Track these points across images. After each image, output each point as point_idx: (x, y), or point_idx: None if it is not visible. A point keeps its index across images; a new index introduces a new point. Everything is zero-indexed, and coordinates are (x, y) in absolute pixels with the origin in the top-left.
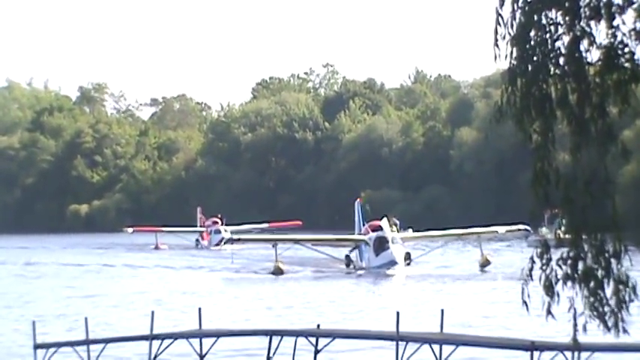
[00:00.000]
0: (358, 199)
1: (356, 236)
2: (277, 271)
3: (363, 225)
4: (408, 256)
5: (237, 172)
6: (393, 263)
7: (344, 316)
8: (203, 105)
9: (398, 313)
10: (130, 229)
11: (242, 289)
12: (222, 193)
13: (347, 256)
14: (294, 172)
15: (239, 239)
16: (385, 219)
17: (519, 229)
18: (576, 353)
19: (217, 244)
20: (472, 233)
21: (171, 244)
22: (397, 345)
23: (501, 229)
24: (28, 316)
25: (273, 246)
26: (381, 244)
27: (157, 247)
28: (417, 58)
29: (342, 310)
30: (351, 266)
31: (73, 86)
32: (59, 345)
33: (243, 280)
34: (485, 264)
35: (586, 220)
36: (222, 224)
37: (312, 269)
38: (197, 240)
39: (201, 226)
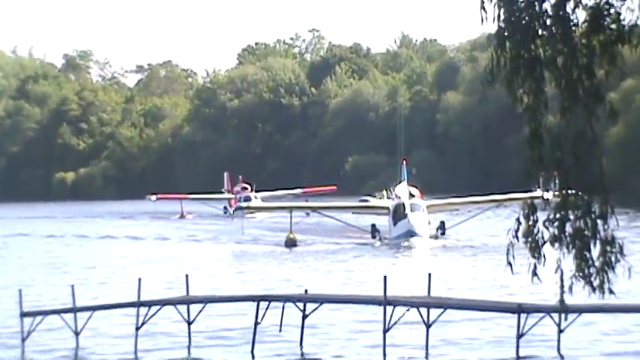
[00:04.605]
0: (404, 161)
1: (378, 203)
2: (290, 243)
3: None
4: (442, 225)
5: (224, 138)
6: (410, 234)
7: (341, 288)
8: (189, 71)
9: (385, 277)
10: (154, 197)
11: (244, 263)
12: (209, 160)
13: (373, 226)
14: (281, 138)
15: (247, 207)
16: (404, 184)
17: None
18: (563, 315)
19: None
20: (513, 199)
21: (200, 212)
22: (385, 309)
23: (548, 195)
24: (18, 285)
25: (307, 214)
26: (398, 213)
27: (182, 216)
28: (403, 23)
29: (342, 282)
30: (377, 237)
31: (58, 54)
32: (46, 313)
33: (249, 253)
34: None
35: (573, 180)
36: (252, 190)
37: (330, 240)
38: (225, 207)
39: (229, 192)
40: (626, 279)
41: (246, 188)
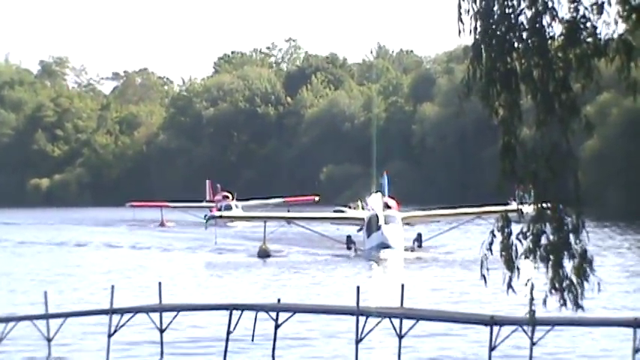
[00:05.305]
0: (385, 172)
1: (354, 214)
2: (263, 254)
3: None
4: (418, 237)
5: (199, 146)
6: (383, 246)
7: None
8: (165, 79)
9: (358, 288)
10: (131, 204)
11: (217, 272)
12: (184, 168)
13: (348, 237)
14: (256, 147)
15: (220, 216)
16: (379, 194)
17: None
18: (535, 327)
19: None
20: (491, 212)
21: (179, 221)
22: (357, 319)
23: (527, 208)
24: None
25: (288, 223)
26: (371, 225)
27: (162, 225)
28: (380, 33)
29: (315, 292)
30: (352, 248)
31: (34, 60)
32: (18, 319)
33: (222, 263)
34: None
35: (548, 194)
36: (232, 199)
37: (304, 251)
38: (206, 216)
39: (210, 201)
40: (595, 293)
41: (227, 197)
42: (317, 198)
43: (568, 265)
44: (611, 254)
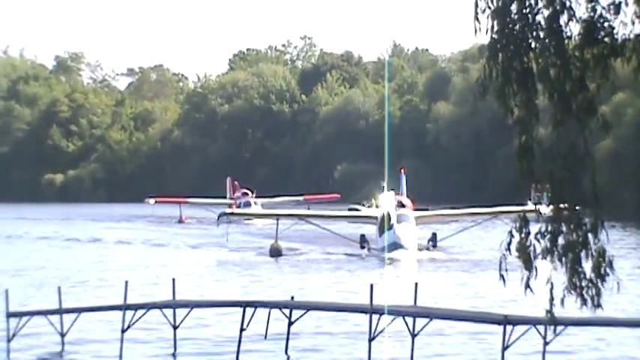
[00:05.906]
0: (402, 170)
1: (368, 213)
2: (274, 252)
3: None
4: (433, 237)
5: (214, 143)
6: (395, 246)
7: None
8: (180, 76)
9: (372, 286)
10: (152, 200)
11: (229, 270)
12: (198, 164)
13: (362, 236)
14: (271, 144)
15: (232, 213)
16: (392, 192)
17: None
18: (550, 327)
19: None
20: (508, 212)
21: (198, 217)
22: (370, 317)
23: (544, 208)
24: (5, 285)
25: (302, 220)
26: (384, 223)
27: (180, 221)
28: (395, 32)
29: (328, 290)
30: (366, 247)
31: (50, 55)
32: (32, 314)
33: (233, 261)
34: None
35: (565, 193)
36: (252, 196)
37: (317, 250)
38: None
39: (231, 198)
40: (614, 293)
41: (247, 194)
42: (339, 196)
43: (587, 264)
44: (628, 254)
